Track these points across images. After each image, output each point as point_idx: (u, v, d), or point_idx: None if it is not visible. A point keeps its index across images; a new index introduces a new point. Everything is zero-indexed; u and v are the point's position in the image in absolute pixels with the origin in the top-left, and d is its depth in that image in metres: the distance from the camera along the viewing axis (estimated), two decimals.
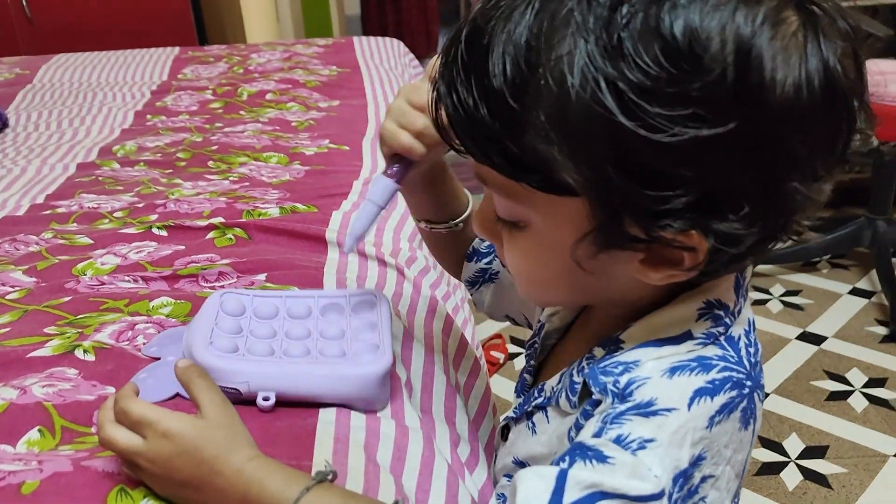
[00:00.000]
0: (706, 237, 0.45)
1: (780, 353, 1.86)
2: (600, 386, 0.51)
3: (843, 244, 2.17)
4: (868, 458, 1.52)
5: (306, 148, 1.39)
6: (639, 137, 0.42)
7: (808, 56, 0.44)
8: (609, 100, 0.42)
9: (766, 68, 0.42)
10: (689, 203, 0.44)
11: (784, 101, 0.43)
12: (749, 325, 0.55)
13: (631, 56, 0.42)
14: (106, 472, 0.56)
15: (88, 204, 1.16)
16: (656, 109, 0.41)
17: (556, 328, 0.67)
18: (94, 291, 0.88)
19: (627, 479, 0.46)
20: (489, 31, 0.46)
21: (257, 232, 1.02)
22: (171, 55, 2.13)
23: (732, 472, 0.52)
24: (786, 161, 0.45)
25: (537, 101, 0.44)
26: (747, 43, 0.42)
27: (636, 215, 0.45)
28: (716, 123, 0.42)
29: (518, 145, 0.45)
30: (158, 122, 1.62)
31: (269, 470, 0.53)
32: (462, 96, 0.46)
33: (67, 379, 0.70)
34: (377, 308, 0.72)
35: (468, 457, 0.70)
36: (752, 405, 0.51)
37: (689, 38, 0.41)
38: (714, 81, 0.41)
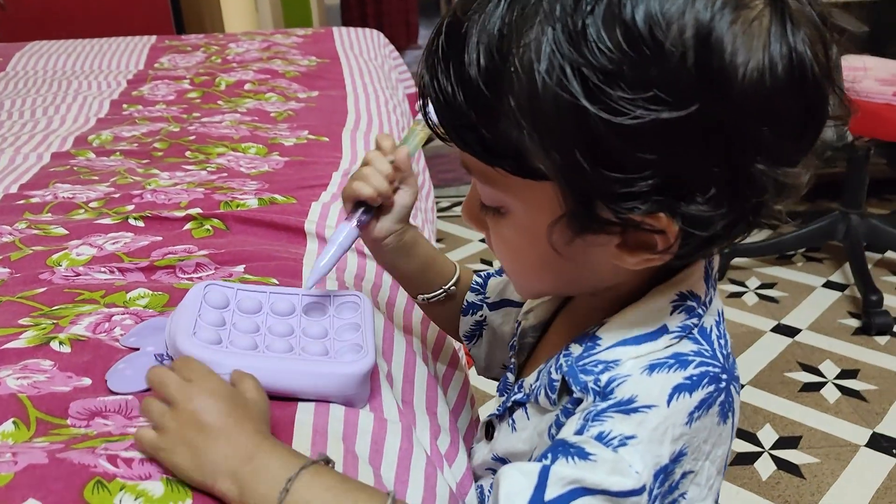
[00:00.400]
0: (674, 220, 0.47)
1: (755, 344, 1.88)
2: (581, 385, 0.52)
3: (817, 238, 2.20)
4: (840, 447, 1.54)
5: (285, 139, 1.38)
6: (603, 121, 0.43)
7: (772, 41, 0.44)
8: (574, 85, 0.43)
9: (727, 52, 0.43)
10: (656, 186, 0.45)
11: (747, 85, 0.44)
12: (719, 315, 0.56)
13: (594, 42, 0.43)
14: (82, 464, 0.56)
15: (63, 194, 1.15)
16: (619, 93, 0.43)
17: (532, 325, 0.68)
18: (70, 282, 0.87)
19: (608, 475, 0.47)
20: (467, 20, 0.47)
21: (235, 223, 1.01)
22: (147, 44, 2.11)
23: (713, 467, 0.53)
24: (750, 144, 0.45)
25: (508, 88, 0.45)
26: (706, 27, 0.43)
27: (605, 199, 0.46)
28: (677, 106, 0.43)
29: (491, 131, 0.47)
30: (135, 111, 1.60)
31: (276, 444, 0.54)
32: (442, 84, 0.48)
33: (42, 371, 0.69)
34: (360, 309, 0.72)
35: (448, 448, 0.70)
36: (729, 398, 0.52)
37: (650, 23, 0.42)
38: (674, 65, 0.43)
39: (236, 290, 0.74)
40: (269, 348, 0.66)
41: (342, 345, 0.68)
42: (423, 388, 0.76)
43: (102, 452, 0.57)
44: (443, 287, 0.77)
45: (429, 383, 0.77)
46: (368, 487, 0.53)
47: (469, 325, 0.79)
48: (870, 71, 2.00)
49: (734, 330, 1.94)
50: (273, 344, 0.67)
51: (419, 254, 0.75)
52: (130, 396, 0.66)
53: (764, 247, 2.24)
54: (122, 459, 0.56)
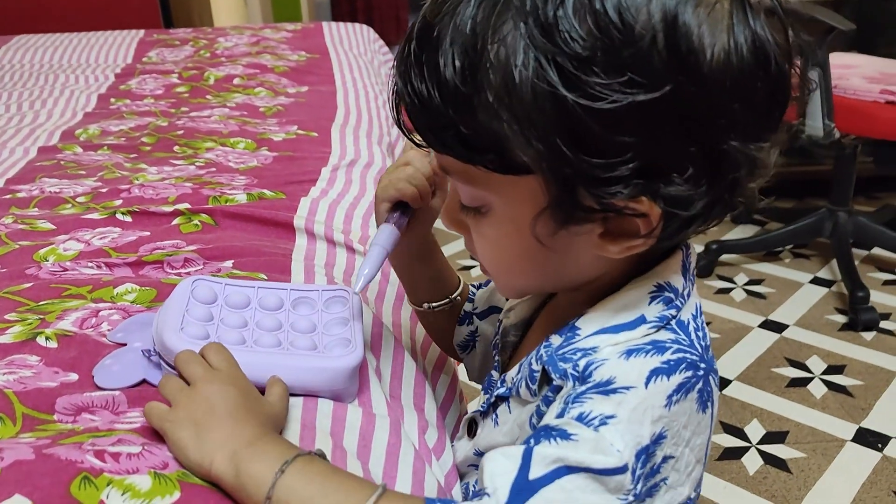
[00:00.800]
0: (656, 202, 0.48)
1: (743, 340, 1.89)
2: (560, 372, 0.53)
3: (804, 234, 2.21)
4: (826, 443, 1.56)
5: (274, 134, 1.38)
6: (581, 107, 0.45)
7: (735, 24, 0.47)
8: (551, 74, 0.45)
9: (693, 35, 0.45)
10: (636, 169, 0.47)
11: (715, 65, 0.46)
12: (697, 310, 0.57)
13: (567, 31, 0.45)
14: (68, 459, 0.55)
15: (50, 188, 1.14)
16: (594, 79, 0.44)
17: (514, 324, 0.69)
18: (57, 278, 0.86)
19: (591, 453, 0.48)
20: (437, 24, 0.48)
21: (224, 218, 1.00)
22: (135, 38, 2.09)
23: (693, 455, 0.53)
24: (723, 121, 0.47)
25: (485, 84, 0.47)
26: (672, 12, 0.45)
27: (588, 185, 0.48)
28: (651, 88, 0.45)
29: (471, 127, 0.48)
30: (123, 105, 1.59)
31: (281, 439, 0.56)
32: (417, 87, 0.49)
33: (29, 366, 0.69)
34: (349, 304, 0.72)
35: (435, 443, 0.70)
36: (708, 387, 0.53)
37: (619, 10, 0.44)
38: (646, 48, 0.45)
39: (224, 285, 0.73)
40: (258, 343, 0.66)
41: (330, 339, 0.68)
42: (412, 384, 0.76)
43: (89, 448, 0.56)
44: (448, 297, 0.78)
45: (417, 379, 0.77)
46: (361, 479, 0.54)
47: (464, 335, 0.79)
48: (857, 68, 2.01)
49: (722, 326, 1.95)
50: (261, 339, 0.67)
51: (434, 261, 0.76)
52: (117, 392, 0.65)
53: (752, 243, 2.25)
54: (109, 454, 0.56)
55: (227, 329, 0.68)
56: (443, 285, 0.78)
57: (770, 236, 2.23)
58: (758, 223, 2.47)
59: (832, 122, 1.87)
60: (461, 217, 0.57)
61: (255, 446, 0.53)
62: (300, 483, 0.51)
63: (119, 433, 0.59)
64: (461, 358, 0.81)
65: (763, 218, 2.48)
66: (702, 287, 2.13)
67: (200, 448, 0.54)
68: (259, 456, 0.52)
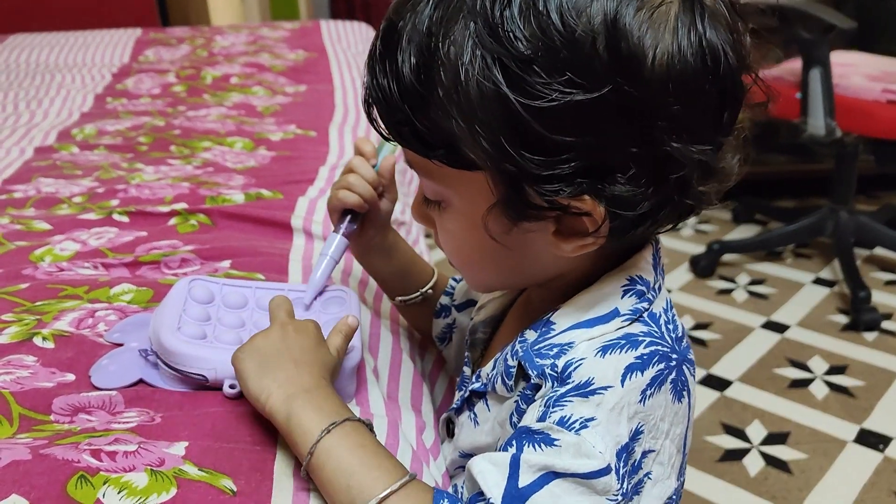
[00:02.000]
0: (599, 201, 0.49)
1: (745, 341, 1.89)
2: (538, 370, 0.54)
3: (806, 234, 2.21)
4: (827, 443, 1.55)
5: (272, 133, 1.37)
6: (523, 106, 0.46)
7: (680, 27, 0.48)
8: (495, 73, 0.46)
9: (634, 37, 0.46)
10: (578, 168, 0.48)
11: (657, 67, 0.47)
12: (668, 303, 0.58)
13: (511, 33, 0.46)
14: (65, 459, 0.55)
15: (46, 189, 1.13)
16: (535, 79, 0.46)
17: (482, 321, 0.70)
18: (53, 278, 0.86)
19: (574, 458, 0.49)
20: (399, 23, 0.50)
21: (221, 218, 1.00)
22: (132, 37, 2.09)
23: (673, 446, 0.54)
24: (665, 124, 0.48)
25: (438, 81, 0.48)
26: (612, 15, 0.46)
27: (531, 182, 0.49)
28: (591, 89, 0.46)
29: (424, 123, 0.50)
30: (119, 105, 1.58)
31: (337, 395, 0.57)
32: (380, 83, 0.51)
33: (25, 366, 0.68)
34: (346, 304, 0.72)
35: (433, 443, 0.70)
36: (682, 377, 0.54)
37: (561, 12, 0.46)
38: (587, 50, 0.46)
39: (222, 285, 0.73)
40: None
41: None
42: (409, 385, 0.75)
43: (86, 448, 0.56)
44: (419, 290, 0.79)
45: (415, 380, 0.76)
46: (396, 460, 0.55)
47: (440, 327, 0.80)
48: (858, 67, 2.01)
49: (724, 326, 1.94)
50: None
51: (399, 257, 0.78)
52: (114, 392, 0.65)
53: (753, 243, 2.25)
54: (105, 453, 0.56)
55: (225, 329, 0.68)
56: (412, 279, 0.79)
57: (771, 236, 2.22)
58: (759, 223, 2.46)
59: (833, 121, 1.86)
60: (426, 211, 0.58)
61: (311, 394, 0.55)
62: (341, 449, 0.53)
63: (116, 433, 0.59)
64: (441, 349, 0.82)
65: (764, 217, 2.47)
66: (703, 287, 2.12)
67: (260, 382, 0.57)
68: (311, 406, 0.55)
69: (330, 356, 0.61)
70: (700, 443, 1.55)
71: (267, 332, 0.61)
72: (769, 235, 2.23)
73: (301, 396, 0.55)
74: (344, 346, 0.63)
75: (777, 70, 2.03)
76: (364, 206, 0.72)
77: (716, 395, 1.70)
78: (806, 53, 1.85)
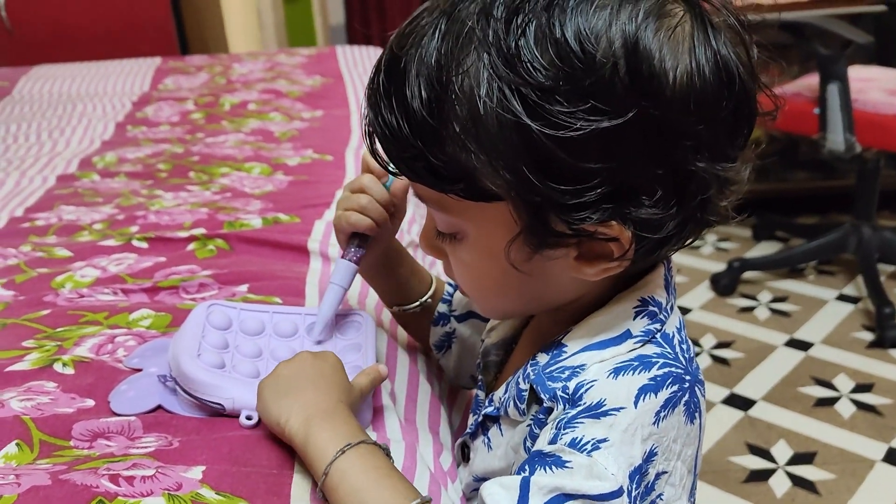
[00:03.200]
0: (626, 225, 0.48)
1: (768, 359, 1.86)
2: (549, 393, 0.53)
3: (828, 250, 2.18)
4: (856, 463, 1.52)
5: (289, 158, 1.38)
6: (546, 136, 0.45)
7: (696, 45, 0.47)
8: (515, 104, 0.45)
9: (655, 59, 0.46)
10: (604, 194, 0.47)
11: (678, 88, 0.46)
12: (680, 323, 0.57)
13: (529, 62, 0.45)
14: (84, 485, 0.55)
15: (68, 216, 1.15)
16: (557, 108, 0.45)
17: (494, 343, 0.69)
18: (73, 304, 0.86)
19: (586, 479, 0.48)
20: (404, 55, 0.49)
21: (239, 243, 1.00)
22: (152, 66, 2.12)
23: (684, 467, 0.53)
24: (689, 144, 0.47)
25: (452, 115, 0.47)
26: (633, 37, 0.46)
27: (557, 211, 0.48)
28: (615, 115, 0.45)
29: (440, 158, 0.49)
30: (139, 133, 1.60)
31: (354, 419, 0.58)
32: (387, 119, 0.50)
33: (46, 392, 0.69)
34: (363, 329, 0.72)
35: (451, 466, 0.69)
36: (694, 399, 0.53)
37: (579, 39, 0.45)
38: (608, 75, 0.45)
39: (239, 310, 0.73)
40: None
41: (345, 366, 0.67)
42: (427, 407, 0.75)
43: (105, 473, 0.57)
44: (419, 299, 0.78)
45: (432, 402, 0.76)
46: (410, 483, 0.55)
47: (439, 335, 0.79)
48: (877, 82, 1.99)
49: (746, 345, 1.92)
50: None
51: (401, 268, 0.77)
52: (133, 418, 0.65)
53: (775, 260, 2.22)
54: (123, 478, 0.56)
55: (242, 359, 0.68)
56: (413, 289, 0.78)
57: (793, 253, 2.20)
58: (780, 240, 2.44)
59: (853, 136, 1.85)
60: (438, 243, 0.57)
61: (328, 417, 0.56)
62: (356, 470, 0.53)
63: (134, 458, 0.59)
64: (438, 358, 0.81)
65: (786, 234, 2.45)
66: (724, 306, 2.10)
67: (279, 406, 0.58)
68: (328, 428, 0.56)
69: (348, 383, 0.62)
70: (724, 463, 1.53)
71: (289, 360, 0.62)
72: (791, 252, 2.21)
73: (319, 417, 0.56)
74: (369, 389, 0.64)
75: (794, 86, 2.02)
76: (376, 230, 0.69)
77: (740, 414, 1.67)
78: (823, 69, 1.84)
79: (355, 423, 0.57)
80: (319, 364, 0.61)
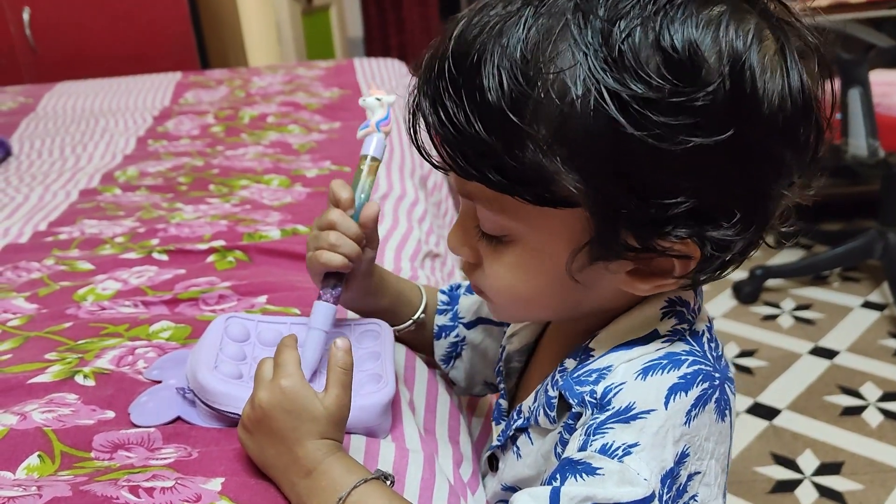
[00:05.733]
0: (701, 245, 0.47)
1: (792, 368, 1.84)
2: (578, 398, 0.52)
3: (853, 257, 2.15)
4: (884, 473, 1.49)
5: (308, 170, 1.39)
6: (642, 147, 0.43)
7: (789, 69, 0.47)
8: (614, 110, 0.43)
9: (758, 80, 0.45)
10: (686, 211, 0.46)
11: (772, 111, 0.45)
12: (710, 322, 0.57)
13: (633, 68, 0.43)
14: (104, 496, 0.55)
15: (90, 230, 1.16)
16: (661, 119, 0.43)
17: (517, 349, 0.67)
18: (95, 317, 0.87)
19: (618, 486, 0.47)
20: (479, 45, 0.46)
21: (258, 254, 1.01)
22: (172, 80, 2.14)
23: (718, 465, 0.53)
24: (773, 168, 0.47)
25: (537, 115, 0.45)
26: (741, 56, 0.44)
27: (636, 225, 0.47)
28: (714, 132, 0.44)
29: (517, 159, 0.46)
30: (160, 147, 1.62)
31: (339, 459, 0.55)
32: (452, 112, 0.46)
33: (67, 404, 0.69)
34: (380, 338, 0.71)
35: (470, 477, 0.69)
36: (724, 396, 0.52)
37: (689, 50, 0.43)
38: (712, 91, 0.43)
39: (257, 322, 0.73)
40: None
41: (362, 375, 0.67)
42: (446, 417, 0.74)
43: (125, 484, 0.57)
44: (411, 318, 0.75)
45: (451, 412, 0.75)
46: None
47: (444, 348, 0.76)
48: None
49: (770, 353, 1.90)
50: None
51: (386, 291, 0.73)
52: (153, 429, 0.65)
53: (799, 268, 2.20)
54: (143, 489, 0.56)
55: None
56: (402, 310, 0.75)
57: (818, 260, 2.17)
58: (804, 246, 2.41)
59: (876, 141, 1.82)
60: (474, 243, 0.55)
61: (311, 477, 0.54)
62: None
63: (153, 469, 0.59)
64: (447, 373, 0.78)
65: (809, 241, 2.42)
66: (748, 314, 2.08)
67: (264, 466, 0.57)
68: (316, 492, 0.53)
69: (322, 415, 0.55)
70: (750, 473, 1.51)
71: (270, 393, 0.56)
72: (815, 259, 2.18)
73: (303, 481, 0.54)
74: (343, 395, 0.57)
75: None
76: (350, 266, 0.64)
77: (764, 423, 1.65)
78: (845, 74, 1.82)
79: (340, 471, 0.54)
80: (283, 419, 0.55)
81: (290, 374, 0.56)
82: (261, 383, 0.57)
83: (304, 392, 0.56)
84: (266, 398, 0.56)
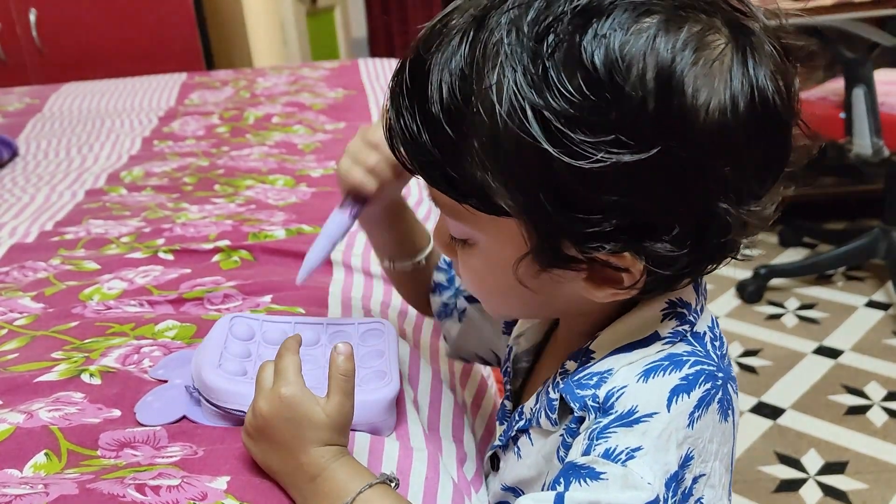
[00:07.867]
0: (639, 258, 0.47)
1: (797, 367, 1.84)
2: (580, 402, 0.52)
3: (857, 256, 2.15)
4: (889, 472, 1.49)
5: (312, 170, 1.39)
6: (564, 164, 0.43)
7: (733, 79, 0.45)
8: (535, 128, 0.43)
9: (688, 93, 0.43)
10: (620, 226, 0.45)
11: (708, 125, 0.44)
12: (712, 321, 0.56)
13: (555, 85, 0.43)
14: (111, 494, 0.56)
15: (96, 230, 1.17)
16: (580, 137, 0.43)
17: (525, 350, 0.68)
18: (101, 316, 0.88)
19: (622, 490, 0.47)
20: (429, 58, 0.47)
21: (263, 254, 1.01)
22: (178, 81, 2.15)
23: (722, 466, 0.52)
24: (714, 183, 0.46)
25: (471, 129, 0.46)
26: (667, 69, 0.43)
27: (570, 238, 0.47)
28: (639, 149, 0.43)
29: (456, 170, 0.48)
30: (165, 147, 1.62)
31: (343, 464, 0.55)
32: (407, 122, 0.48)
33: (73, 403, 0.70)
34: (384, 336, 0.72)
35: (474, 475, 0.69)
36: (727, 396, 0.52)
37: (610, 67, 0.43)
38: (635, 109, 0.43)
39: (262, 321, 0.74)
40: None
41: (367, 372, 0.67)
42: (450, 415, 0.75)
43: (131, 482, 0.57)
44: (412, 259, 0.75)
45: (455, 411, 0.76)
46: None
47: (439, 304, 0.77)
48: None
49: (774, 353, 1.90)
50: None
51: (400, 224, 0.73)
52: (159, 428, 0.66)
53: (803, 267, 2.20)
54: (149, 488, 0.57)
55: None
56: (409, 246, 0.75)
57: (821, 259, 2.17)
58: (807, 246, 2.41)
59: (880, 140, 1.82)
60: (450, 243, 0.57)
61: (316, 482, 0.54)
62: None
63: (159, 467, 0.60)
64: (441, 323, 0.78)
65: (813, 240, 2.42)
66: (751, 314, 2.08)
67: (270, 471, 0.58)
68: (321, 497, 0.54)
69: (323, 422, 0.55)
70: (754, 473, 1.51)
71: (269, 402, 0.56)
72: (819, 258, 2.18)
73: (307, 486, 0.55)
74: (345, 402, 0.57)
75: (820, 90, 2.00)
76: (380, 192, 0.66)
77: (768, 423, 1.65)
78: (848, 72, 1.82)
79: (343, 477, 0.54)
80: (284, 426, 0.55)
81: (290, 382, 0.56)
82: (261, 392, 0.57)
83: (305, 400, 0.56)
84: (266, 407, 0.56)
